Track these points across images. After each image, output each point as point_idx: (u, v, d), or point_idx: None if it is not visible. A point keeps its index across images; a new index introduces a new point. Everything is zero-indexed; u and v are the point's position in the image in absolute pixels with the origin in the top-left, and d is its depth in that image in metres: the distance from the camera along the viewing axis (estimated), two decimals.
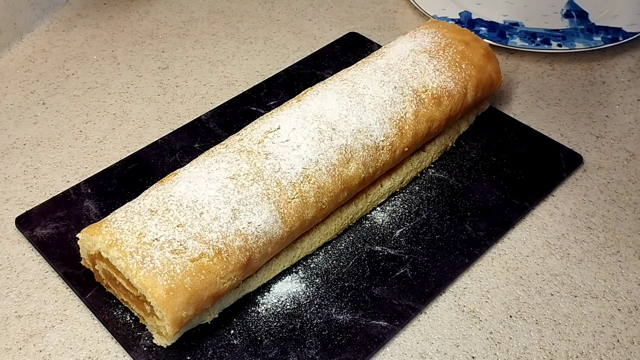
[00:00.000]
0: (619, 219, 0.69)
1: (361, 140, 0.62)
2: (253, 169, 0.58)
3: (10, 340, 0.57)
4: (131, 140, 0.76)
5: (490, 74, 0.72)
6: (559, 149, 0.74)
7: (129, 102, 0.81)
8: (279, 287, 0.61)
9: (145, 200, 0.56)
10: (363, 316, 0.59)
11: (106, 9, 0.97)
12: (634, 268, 0.64)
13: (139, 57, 0.88)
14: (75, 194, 0.68)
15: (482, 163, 0.73)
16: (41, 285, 0.62)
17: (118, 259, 0.52)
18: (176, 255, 0.52)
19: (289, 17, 0.96)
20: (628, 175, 0.73)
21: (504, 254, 0.65)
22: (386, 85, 0.66)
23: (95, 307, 0.59)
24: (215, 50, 0.89)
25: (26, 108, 0.80)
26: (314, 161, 0.59)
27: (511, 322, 0.60)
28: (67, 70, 0.86)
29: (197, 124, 0.77)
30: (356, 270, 0.62)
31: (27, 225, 0.65)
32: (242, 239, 0.55)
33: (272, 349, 0.56)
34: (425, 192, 0.70)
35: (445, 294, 0.62)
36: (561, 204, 0.70)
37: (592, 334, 0.59)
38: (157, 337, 0.56)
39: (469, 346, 0.58)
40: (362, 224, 0.67)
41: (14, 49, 0.89)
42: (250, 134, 0.61)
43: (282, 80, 0.83)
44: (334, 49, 0.87)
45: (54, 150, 0.75)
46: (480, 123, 0.77)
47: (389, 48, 0.72)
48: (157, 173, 0.70)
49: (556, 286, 0.63)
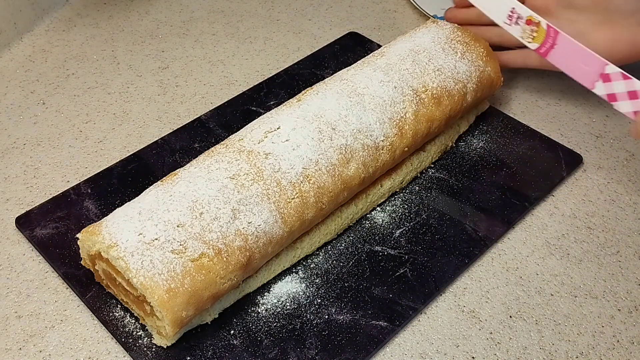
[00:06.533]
0: (619, 219, 0.69)
1: (361, 140, 0.62)
2: (253, 169, 0.58)
3: (10, 341, 0.57)
4: (131, 140, 0.76)
5: (490, 74, 0.72)
6: (559, 148, 0.74)
7: (129, 102, 0.81)
8: (279, 287, 0.61)
9: (145, 200, 0.56)
10: (363, 316, 0.59)
11: (106, 8, 0.97)
12: (634, 268, 0.64)
13: (139, 57, 0.88)
14: (75, 194, 0.68)
15: (482, 163, 0.73)
16: (41, 285, 0.62)
17: (118, 259, 0.52)
18: (176, 255, 0.52)
19: (289, 17, 0.96)
20: (628, 175, 0.73)
21: (504, 254, 0.65)
22: (386, 85, 0.66)
23: (95, 307, 0.59)
24: (215, 50, 0.89)
25: (26, 108, 0.80)
26: (313, 161, 0.59)
27: (511, 322, 0.60)
28: (67, 70, 0.86)
29: (197, 124, 0.77)
30: (356, 270, 0.62)
31: (27, 225, 0.65)
32: (242, 239, 0.55)
33: (272, 349, 0.56)
34: (425, 192, 0.70)
35: (445, 294, 0.62)
36: (561, 204, 0.70)
37: (592, 334, 0.59)
38: (157, 337, 0.56)
39: (469, 346, 0.58)
40: (362, 224, 0.67)
41: (14, 49, 0.89)
42: (250, 134, 0.61)
43: (282, 80, 0.83)
44: (333, 49, 0.87)
45: (54, 150, 0.75)
46: (480, 123, 0.77)
47: (388, 48, 0.71)
48: (157, 173, 0.70)
49: (556, 286, 0.63)
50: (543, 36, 0.66)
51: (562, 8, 0.70)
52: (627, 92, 0.63)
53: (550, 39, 0.66)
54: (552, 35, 0.66)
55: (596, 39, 0.68)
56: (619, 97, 0.63)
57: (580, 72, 0.65)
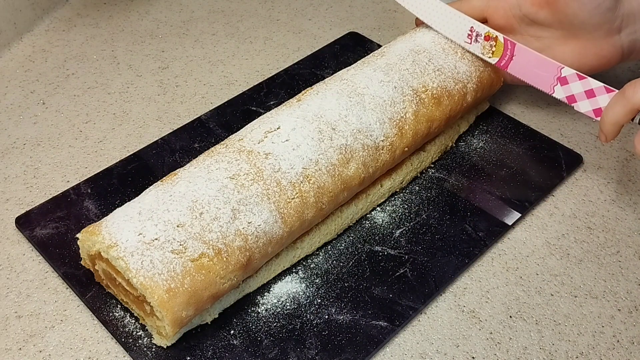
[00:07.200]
0: (619, 219, 0.69)
1: (361, 140, 0.62)
2: (253, 169, 0.58)
3: (10, 341, 0.57)
4: (131, 140, 0.76)
5: (490, 74, 0.72)
6: (559, 148, 0.74)
7: (129, 102, 0.81)
8: (279, 287, 0.61)
9: (145, 200, 0.56)
10: (363, 316, 0.59)
11: (106, 8, 0.97)
12: (634, 268, 0.64)
13: (139, 57, 0.88)
14: (75, 194, 0.68)
15: (482, 163, 0.73)
16: (41, 285, 0.62)
17: (118, 259, 0.52)
18: (176, 255, 0.52)
19: (288, 17, 0.96)
20: (628, 175, 0.73)
21: (504, 254, 0.65)
22: (386, 85, 0.66)
23: (95, 307, 0.59)
24: (215, 50, 0.89)
25: (26, 108, 0.80)
26: (313, 161, 0.59)
27: (511, 323, 0.60)
28: (67, 70, 0.86)
29: (197, 123, 0.77)
30: (356, 271, 0.62)
31: (27, 225, 0.65)
32: (242, 239, 0.55)
33: (272, 349, 0.56)
34: (425, 192, 0.70)
35: (445, 294, 0.62)
36: (561, 204, 0.70)
37: (592, 334, 0.59)
38: (157, 337, 0.56)
39: (469, 346, 0.58)
40: (362, 224, 0.67)
41: (14, 49, 0.89)
42: (250, 134, 0.61)
43: (282, 80, 0.83)
44: (333, 49, 0.87)
45: (54, 150, 0.75)
46: (480, 123, 0.77)
47: (388, 48, 0.71)
48: (157, 173, 0.70)
49: (556, 286, 0.63)
50: (502, 49, 0.69)
51: (525, 25, 0.70)
52: (584, 91, 0.64)
53: (509, 51, 0.68)
54: (509, 47, 0.68)
55: (563, 52, 0.69)
56: (577, 97, 0.65)
57: (539, 78, 0.67)
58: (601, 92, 0.64)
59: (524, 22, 0.70)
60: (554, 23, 0.68)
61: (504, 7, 0.71)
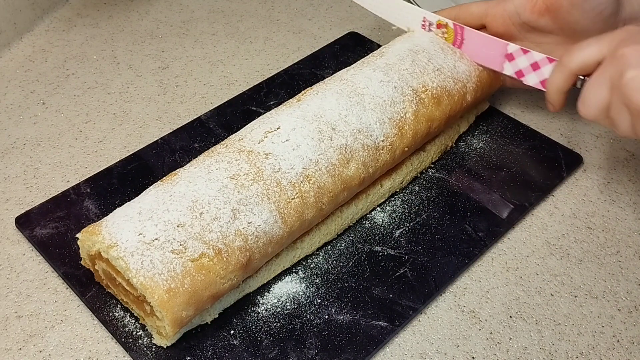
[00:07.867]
0: (619, 219, 0.69)
1: (361, 140, 0.62)
2: (253, 169, 0.58)
3: (10, 341, 0.57)
4: (131, 140, 0.76)
5: (489, 73, 0.72)
6: (559, 148, 0.74)
7: (129, 102, 0.81)
8: (279, 287, 0.61)
9: (145, 200, 0.56)
10: (363, 316, 0.59)
11: (106, 8, 0.97)
12: (634, 268, 0.64)
13: (139, 57, 0.88)
14: (75, 194, 0.68)
15: (482, 163, 0.73)
16: (41, 285, 0.62)
17: (118, 259, 0.52)
18: (176, 255, 0.52)
19: (288, 17, 0.96)
20: (628, 175, 0.73)
21: (504, 254, 0.65)
22: (386, 85, 0.66)
23: (95, 307, 0.59)
24: (215, 50, 0.89)
25: (26, 108, 0.80)
26: (313, 161, 0.59)
27: (511, 323, 0.60)
28: (67, 70, 0.86)
29: (196, 123, 0.77)
30: (356, 271, 0.62)
31: (27, 225, 0.65)
32: (242, 239, 0.55)
33: (272, 349, 0.56)
34: (425, 192, 0.70)
35: (445, 294, 0.62)
36: (561, 204, 0.70)
37: (592, 334, 0.59)
38: (157, 337, 0.56)
39: (469, 346, 0.58)
40: (362, 224, 0.67)
41: (14, 49, 0.89)
42: (250, 134, 0.61)
43: (282, 80, 0.83)
44: (333, 49, 0.87)
45: (54, 150, 0.75)
46: (480, 123, 0.77)
47: (388, 48, 0.71)
48: (157, 173, 0.70)
49: (556, 286, 0.63)
50: (452, 35, 0.71)
51: (525, 32, 0.70)
52: (529, 64, 0.67)
53: (459, 36, 0.71)
54: (459, 32, 0.71)
55: None
56: (524, 71, 0.67)
57: (489, 58, 0.70)
58: (544, 63, 0.66)
59: (523, 29, 0.70)
60: (555, 29, 0.68)
61: (502, 15, 0.71)
